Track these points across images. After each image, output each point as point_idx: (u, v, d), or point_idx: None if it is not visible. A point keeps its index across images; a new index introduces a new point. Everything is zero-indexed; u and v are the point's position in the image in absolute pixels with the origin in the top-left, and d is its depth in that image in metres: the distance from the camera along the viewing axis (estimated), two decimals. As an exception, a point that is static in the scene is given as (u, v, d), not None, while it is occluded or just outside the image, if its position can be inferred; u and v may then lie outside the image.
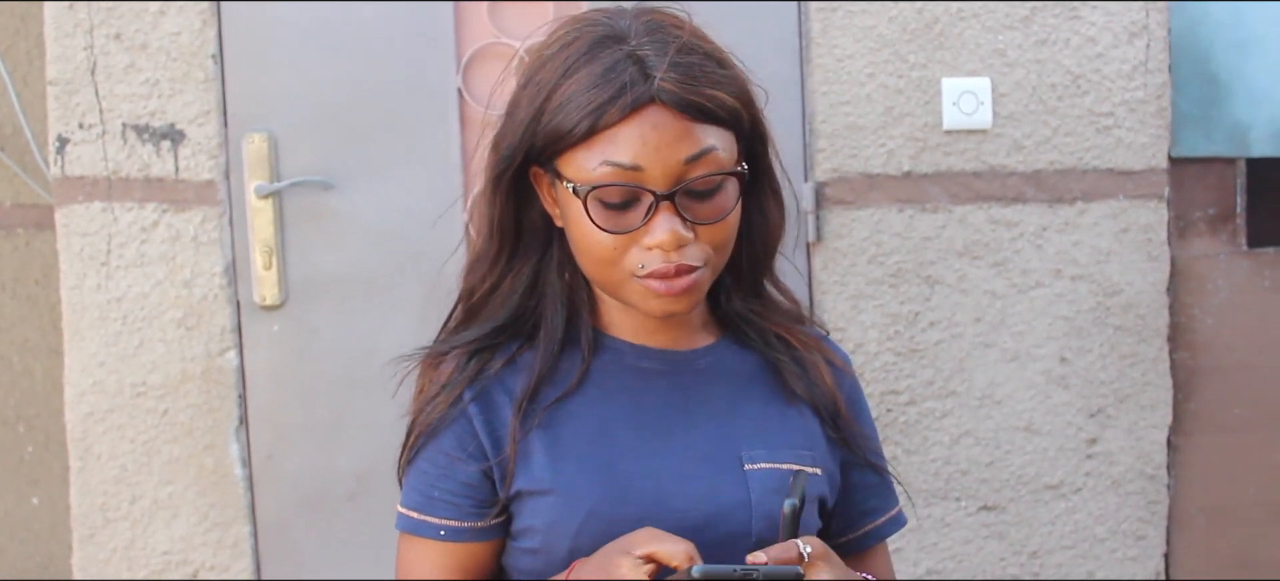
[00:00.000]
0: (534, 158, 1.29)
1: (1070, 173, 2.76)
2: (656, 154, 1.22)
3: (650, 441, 1.32)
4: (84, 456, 2.64)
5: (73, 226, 2.61)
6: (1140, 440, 2.83)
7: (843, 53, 2.68)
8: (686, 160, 1.23)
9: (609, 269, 1.27)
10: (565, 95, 1.24)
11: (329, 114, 2.64)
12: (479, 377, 1.33)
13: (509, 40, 2.65)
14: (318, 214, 2.65)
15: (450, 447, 1.32)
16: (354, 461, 2.67)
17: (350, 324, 2.67)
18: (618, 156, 1.22)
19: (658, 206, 1.23)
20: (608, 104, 1.22)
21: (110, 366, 2.62)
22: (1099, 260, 2.78)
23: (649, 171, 1.22)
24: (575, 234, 1.28)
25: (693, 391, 1.35)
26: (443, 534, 1.32)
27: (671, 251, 1.24)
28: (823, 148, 2.68)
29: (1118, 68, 2.75)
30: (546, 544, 1.29)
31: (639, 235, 1.24)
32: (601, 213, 1.24)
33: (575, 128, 1.23)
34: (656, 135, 1.22)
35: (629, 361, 1.35)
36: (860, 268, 2.70)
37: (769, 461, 1.32)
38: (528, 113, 1.27)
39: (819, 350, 1.41)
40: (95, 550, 2.65)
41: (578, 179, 1.24)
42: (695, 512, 1.28)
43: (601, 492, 1.28)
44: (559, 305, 1.34)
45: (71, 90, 2.58)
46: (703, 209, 1.25)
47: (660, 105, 1.22)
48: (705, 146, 1.24)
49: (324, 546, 2.69)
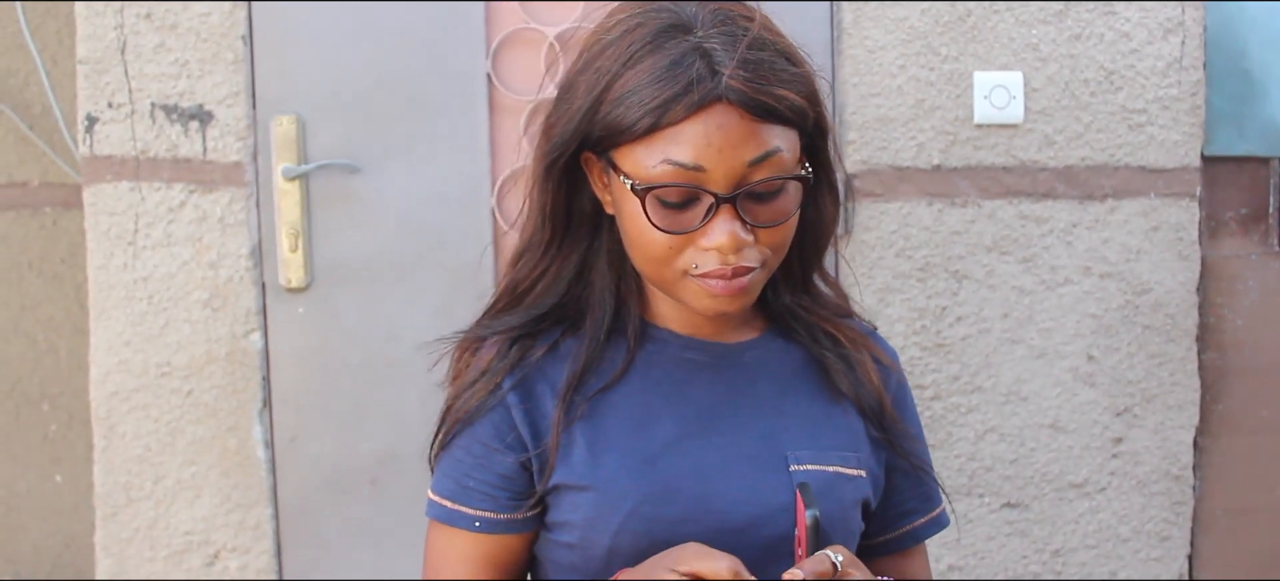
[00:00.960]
0: (588, 145, 1.24)
1: (1101, 169, 2.74)
2: (720, 155, 1.17)
3: (694, 436, 1.29)
4: (108, 435, 2.64)
5: (100, 205, 2.61)
6: (1167, 440, 2.81)
7: (874, 44, 2.66)
8: (750, 162, 1.18)
9: (662, 267, 1.23)
10: (626, 87, 1.18)
11: (357, 97, 2.64)
12: (520, 365, 1.29)
13: (539, 26, 2.64)
14: (344, 197, 2.64)
15: (487, 437, 1.29)
16: (376, 445, 2.67)
17: (375, 308, 2.66)
18: (679, 156, 1.17)
19: (718, 208, 1.18)
20: (672, 101, 1.16)
21: (136, 346, 2.62)
22: (1129, 258, 2.75)
23: (711, 173, 1.17)
24: (629, 229, 1.23)
25: (738, 385, 1.32)
26: (477, 525, 1.29)
27: (730, 253, 1.19)
28: (852, 139, 2.66)
29: (1152, 64, 2.73)
30: (584, 540, 1.26)
31: (696, 236, 1.20)
32: (659, 212, 1.19)
33: (636, 123, 1.18)
34: (721, 136, 1.17)
35: (674, 352, 1.32)
36: (888, 261, 2.69)
37: (815, 462, 1.29)
38: (585, 101, 1.21)
39: (867, 347, 1.37)
40: (117, 529, 2.66)
41: (636, 175, 1.20)
42: (738, 514, 1.25)
43: (643, 491, 1.25)
44: (607, 293, 1.31)
45: (101, 69, 2.59)
46: (764, 211, 1.21)
47: (727, 104, 1.17)
48: (770, 149, 1.18)
49: (345, 529, 2.69)
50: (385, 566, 2.69)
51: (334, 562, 2.69)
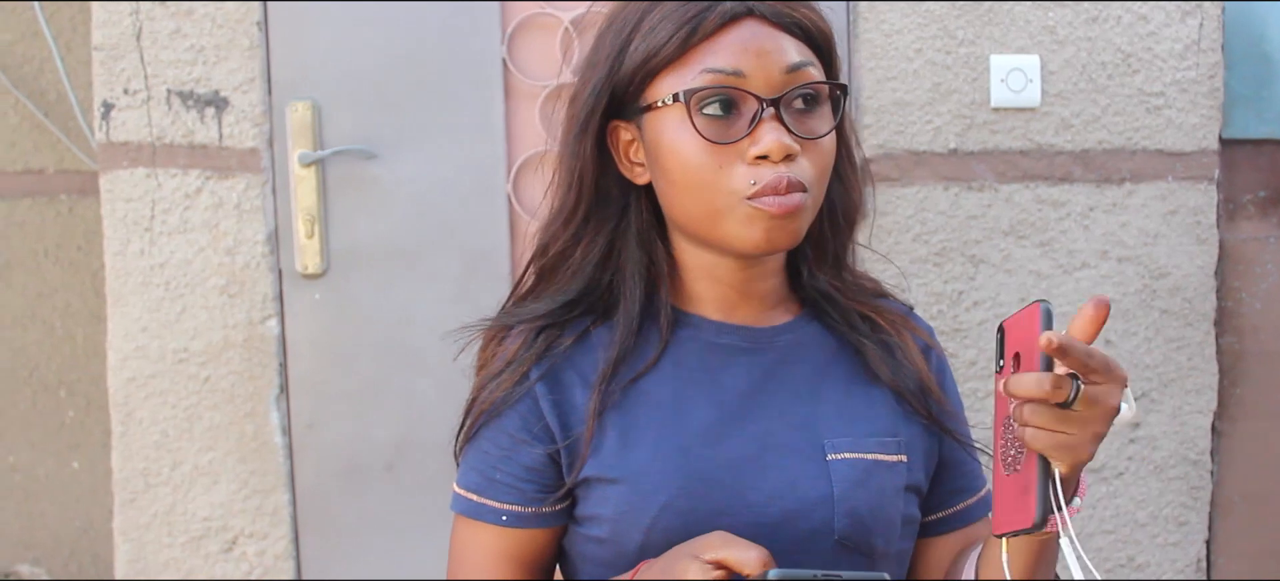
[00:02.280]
0: (616, 106, 1.24)
1: (1119, 153, 2.72)
2: (758, 60, 1.18)
3: (728, 424, 1.25)
4: (126, 421, 2.65)
5: (117, 192, 2.61)
6: (1184, 425, 2.80)
7: (891, 28, 2.65)
8: (788, 69, 1.19)
9: (710, 194, 1.19)
10: (656, 19, 1.20)
11: (373, 83, 2.63)
12: (547, 355, 1.26)
13: (555, 11, 2.64)
14: (360, 183, 2.64)
15: (514, 428, 1.26)
16: (392, 431, 2.68)
17: (391, 294, 2.67)
18: (718, 63, 1.18)
19: (763, 115, 1.17)
20: (703, 14, 1.18)
21: (153, 332, 2.63)
22: (1146, 242, 2.74)
23: (751, 78, 1.18)
24: (670, 163, 1.21)
25: (773, 370, 1.28)
26: (505, 519, 1.26)
27: (779, 160, 1.17)
28: (869, 123, 2.66)
29: (1170, 47, 2.71)
30: (615, 534, 1.23)
31: (743, 148, 1.18)
32: (704, 123, 1.18)
33: (669, 42, 1.18)
34: (757, 43, 1.18)
35: (708, 337, 1.28)
36: (905, 245, 2.68)
37: (853, 450, 1.25)
38: (613, 46, 1.22)
39: (906, 327, 1.34)
40: (135, 514, 2.66)
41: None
42: (774, 508, 1.21)
43: (677, 485, 1.21)
44: (638, 278, 1.27)
45: (117, 56, 2.59)
46: (805, 124, 1.20)
47: (756, 18, 1.19)
48: (804, 59, 1.20)
49: (361, 515, 2.69)
50: (402, 551, 2.69)
51: (351, 548, 2.69)
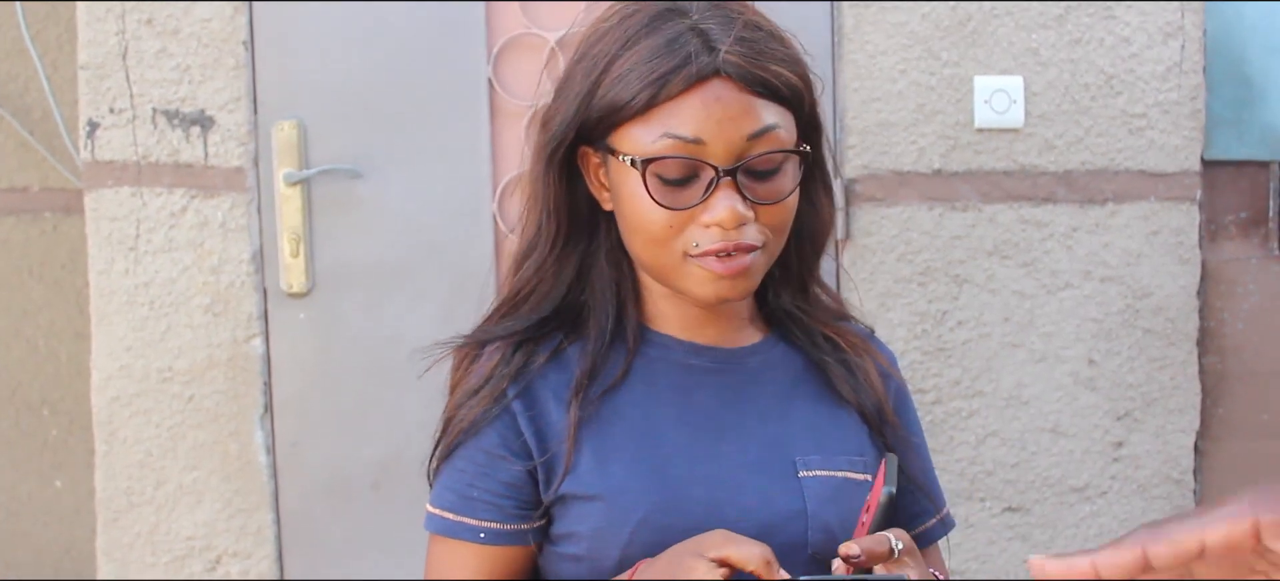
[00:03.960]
0: (586, 135, 1.24)
1: (1102, 173, 2.74)
2: (719, 128, 1.18)
3: (701, 443, 1.26)
4: (109, 440, 2.64)
5: (102, 211, 2.61)
6: (1167, 444, 2.81)
7: (875, 49, 2.66)
8: (750, 136, 1.19)
9: (662, 250, 1.21)
10: (625, 67, 1.19)
11: (359, 102, 2.64)
12: (523, 372, 1.27)
13: (540, 31, 2.64)
14: (346, 202, 2.65)
15: (492, 445, 1.26)
16: (378, 450, 2.67)
17: (376, 313, 2.67)
18: (679, 129, 1.18)
19: (718, 183, 1.18)
20: (670, 74, 1.18)
21: (137, 351, 2.62)
22: (1129, 262, 2.76)
23: (711, 146, 1.18)
24: (628, 212, 1.22)
25: (743, 390, 1.29)
26: (483, 536, 1.26)
27: (731, 228, 1.18)
28: (853, 144, 2.67)
29: (1152, 68, 2.73)
30: (593, 551, 1.23)
31: (697, 213, 1.19)
32: (659, 188, 1.19)
33: (634, 98, 1.18)
34: (720, 108, 1.18)
35: (677, 357, 1.30)
36: (889, 265, 2.69)
37: (824, 468, 1.26)
38: (583, 85, 1.22)
39: (867, 351, 1.36)
40: (119, 534, 2.66)
41: (635, 153, 1.20)
42: (748, 522, 1.21)
43: (653, 501, 1.22)
44: (608, 296, 1.29)
45: (102, 75, 2.59)
46: (763, 189, 1.20)
47: (724, 78, 1.18)
48: (768, 123, 1.19)
49: (346, 535, 2.69)
50: (387, 571, 2.69)
51: (335, 568, 2.69)
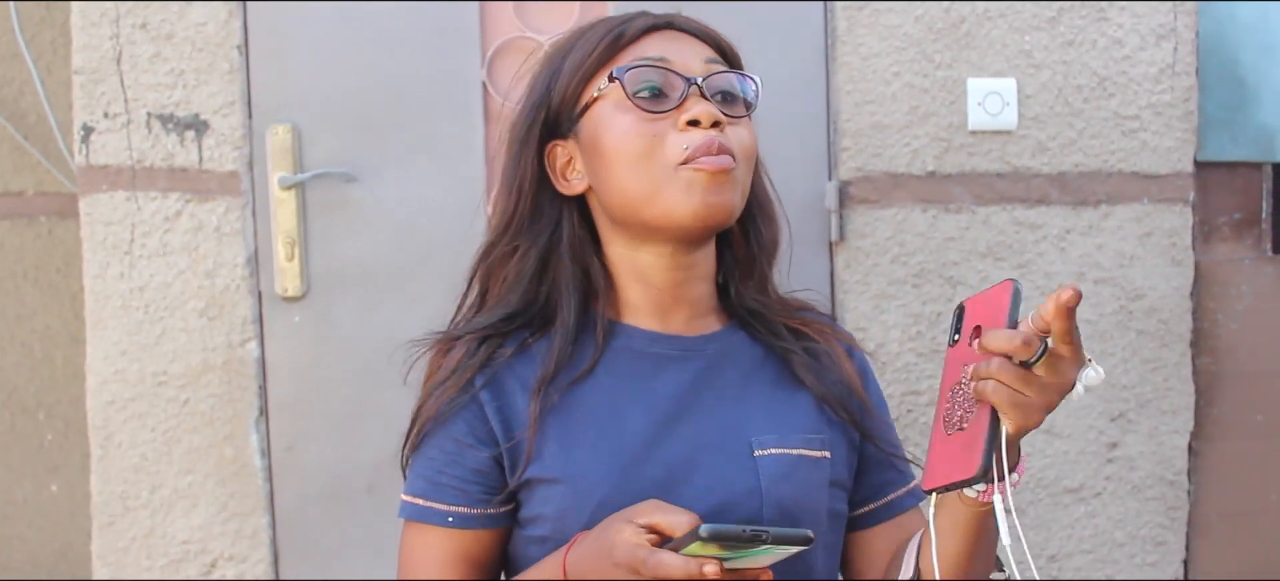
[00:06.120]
0: (552, 124, 1.34)
1: (1095, 175, 2.75)
2: (680, 52, 1.31)
3: (662, 427, 1.31)
4: (105, 444, 2.64)
5: (97, 215, 2.61)
6: (1161, 445, 2.82)
7: (868, 51, 2.67)
8: (708, 60, 1.32)
9: (648, 167, 1.28)
10: (582, 38, 1.33)
11: (353, 106, 2.64)
12: (489, 363, 1.32)
13: (534, 35, 2.65)
14: (340, 206, 2.65)
15: (460, 433, 1.32)
16: (373, 453, 2.67)
17: (371, 316, 2.67)
18: (646, 54, 1.30)
19: (690, 90, 1.29)
20: (625, 25, 1.31)
21: (132, 355, 2.62)
22: (1122, 264, 2.76)
23: (676, 62, 1.30)
24: (609, 144, 1.30)
25: (704, 375, 1.35)
26: (450, 520, 1.32)
27: (708, 126, 1.27)
28: (847, 146, 2.67)
29: (1144, 70, 2.74)
30: (556, 532, 1.28)
31: (675, 118, 1.28)
32: (638, 100, 1.29)
33: (597, 48, 1.30)
34: (678, 42, 1.32)
35: (640, 346, 1.35)
36: (883, 267, 2.69)
37: (779, 446, 1.32)
38: (547, 70, 1.34)
39: (834, 336, 1.43)
40: (114, 538, 2.66)
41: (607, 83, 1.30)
42: (705, 501, 1.27)
43: (613, 483, 1.28)
44: (572, 290, 1.34)
45: (97, 79, 2.59)
46: (728, 109, 1.31)
47: (675, 29, 1.33)
48: (723, 63, 1.33)
49: (342, 538, 2.69)
50: (381, 573, 2.69)
51: (331, 571, 2.69)
